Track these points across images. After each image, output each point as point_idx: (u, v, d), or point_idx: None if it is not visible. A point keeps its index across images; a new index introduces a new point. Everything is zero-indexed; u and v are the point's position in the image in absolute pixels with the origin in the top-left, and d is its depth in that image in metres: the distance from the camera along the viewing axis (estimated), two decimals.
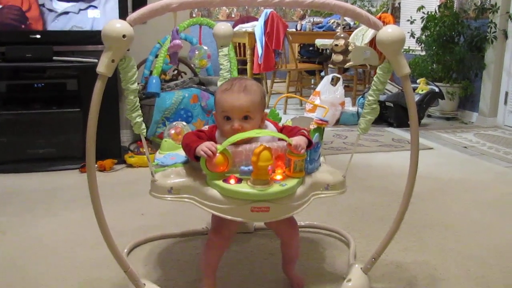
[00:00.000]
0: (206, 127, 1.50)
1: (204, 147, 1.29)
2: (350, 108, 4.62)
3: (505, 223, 2.22)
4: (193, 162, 1.40)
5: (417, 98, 4.37)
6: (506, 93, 4.59)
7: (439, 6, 5.00)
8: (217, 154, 1.29)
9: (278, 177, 1.32)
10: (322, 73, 5.71)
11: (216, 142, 1.39)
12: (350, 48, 4.87)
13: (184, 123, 1.76)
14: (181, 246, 1.92)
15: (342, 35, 4.92)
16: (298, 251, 1.61)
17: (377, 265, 1.61)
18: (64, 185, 2.66)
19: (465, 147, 3.75)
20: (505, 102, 4.61)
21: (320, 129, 1.52)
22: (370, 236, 2.02)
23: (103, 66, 1.21)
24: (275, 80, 5.40)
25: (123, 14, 3.02)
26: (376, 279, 1.65)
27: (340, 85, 4.56)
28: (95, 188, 1.30)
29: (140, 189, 2.48)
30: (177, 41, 1.55)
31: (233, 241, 1.49)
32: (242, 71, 5.28)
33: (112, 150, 3.05)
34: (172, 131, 1.71)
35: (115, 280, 1.63)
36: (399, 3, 6.17)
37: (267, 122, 1.50)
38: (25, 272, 1.70)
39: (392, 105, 4.38)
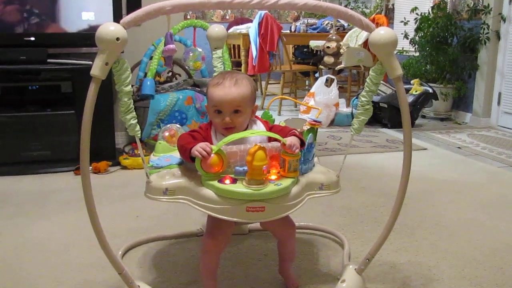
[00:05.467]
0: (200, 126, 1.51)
1: (199, 148, 1.30)
2: (344, 109, 4.63)
3: (499, 223, 2.23)
4: (187, 163, 1.40)
5: (411, 99, 4.39)
6: (499, 94, 4.62)
7: (433, 7, 5.03)
8: (212, 155, 1.30)
9: (273, 177, 1.33)
10: (317, 75, 5.72)
11: (211, 141, 1.40)
12: (341, 50, 4.89)
13: (179, 126, 1.77)
14: (176, 248, 1.92)
15: (334, 37, 4.94)
16: (294, 251, 1.61)
17: (371, 266, 1.62)
18: (58, 187, 2.66)
19: (459, 147, 3.76)
20: (498, 103, 4.64)
21: (313, 130, 1.53)
22: (364, 237, 2.03)
23: (97, 69, 1.21)
24: (269, 82, 5.40)
25: (117, 17, 3.02)
26: (370, 280, 1.66)
27: (334, 86, 4.58)
28: (89, 190, 1.30)
29: (135, 191, 2.50)
30: (171, 46, 1.55)
31: (228, 243, 1.49)
32: None
33: (106, 152, 3.05)
34: (167, 134, 1.71)
35: (110, 282, 1.63)
36: (393, 5, 6.19)
37: (255, 119, 1.51)
38: (19, 275, 1.70)
39: (386, 106, 4.40)
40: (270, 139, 1.41)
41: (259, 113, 1.63)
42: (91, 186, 1.30)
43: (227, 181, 1.30)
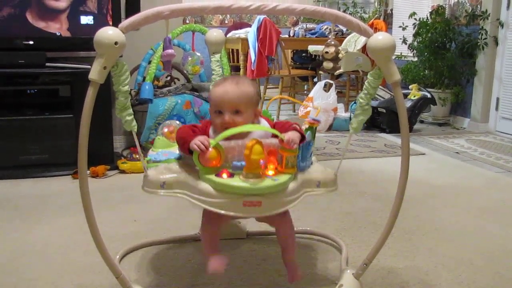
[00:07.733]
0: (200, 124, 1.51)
1: (198, 141, 1.31)
2: (342, 114, 4.64)
3: (496, 228, 2.23)
4: (186, 158, 1.41)
5: (409, 104, 4.40)
6: (498, 99, 4.63)
7: (431, 13, 5.04)
8: (210, 149, 1.30)
9: (270, 172, 1.33)
10: (315, 79, 5.73)
11: (209, 137, 1.40)
12: (340, 55, 4.90)
13: (178, 122, 1.77)
14: (174, 252, 1.92)
15: (332, 43, 4.95)
16: (293, 242, 1.55)
17: (369, 271, 1.61)
18: (56, 191, 2.65)
19: (457, 152, 3.77)
20: (496, 108, 4.64)
21: (312, 129, 1.54)
22: (362, 242, 2.03)
23: (95, 73, 1.22)
24: (268, 86, 5.40)
25: (115, 21, 3.02)
26: (367, 285, 1.66)
27: (332, 91, 4.58)
28: (87, 194, 1.30)
29: (133, 195, 2.50)
30: (170, 51, 1.55)
31: (226, 247, 1.48)
32: None
33: (104, 156, 3.05)
34: (166, 130, 1.72)
35: (107, 286, 1.63)
36: (392, 10, 6.21)
37: (261, 119, 1.51)
38: (17, 278, 1.69)
39: (384, 110, 4.41)
40: (272, 136, 1.41)
41: None
42: (89, 190, 1.30)
43: (224, 175, 1.30)
